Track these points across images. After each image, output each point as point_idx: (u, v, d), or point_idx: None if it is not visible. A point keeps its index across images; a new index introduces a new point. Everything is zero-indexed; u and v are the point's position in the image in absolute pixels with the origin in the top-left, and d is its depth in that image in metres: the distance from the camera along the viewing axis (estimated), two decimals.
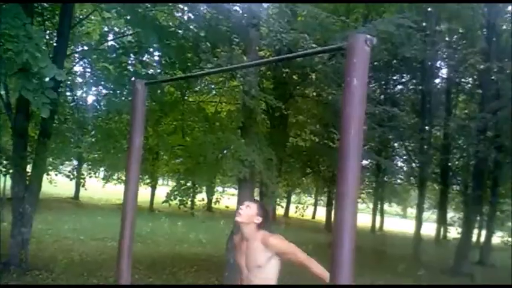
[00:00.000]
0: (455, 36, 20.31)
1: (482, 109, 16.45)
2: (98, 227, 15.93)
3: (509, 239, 19.20)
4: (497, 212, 19.67)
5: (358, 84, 2.41)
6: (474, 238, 18.86)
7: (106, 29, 12.63)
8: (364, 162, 19.99)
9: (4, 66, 5.99)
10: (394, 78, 21.78)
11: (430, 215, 28.46)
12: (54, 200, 22.29)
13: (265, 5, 11.54)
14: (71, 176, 19.92)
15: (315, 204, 34.77)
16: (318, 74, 12.58)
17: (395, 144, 22.34)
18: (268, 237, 3.40)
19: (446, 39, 19.70)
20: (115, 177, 21.37)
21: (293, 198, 33.28)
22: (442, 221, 23.22)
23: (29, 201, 9.22)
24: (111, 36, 11.99)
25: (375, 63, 16.62)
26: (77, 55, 12.61)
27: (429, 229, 23.63)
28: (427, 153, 19.23)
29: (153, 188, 22.81)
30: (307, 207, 29.98)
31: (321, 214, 31.10)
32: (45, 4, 10.43)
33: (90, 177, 20.94)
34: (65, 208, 20.67)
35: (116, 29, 12.36)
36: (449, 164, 20.52)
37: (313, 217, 33.61)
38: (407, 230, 25.73)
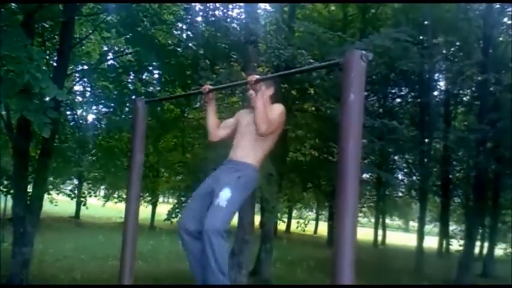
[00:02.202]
0: (452, 49, 20.44)
1: (480, 121, 16.49)
2: (99, 245, 15.85)
3: None
4: (499, 224, 19.61)
5: (355, 98, 2.46)
6: (477, 250, 18.78)
7: (106, 48, 12.74)
8: (365, 175, 19.98)
9: (5, 87, 6.04)
10: (393, 91, 21.87)
11: (432, 228, 28.35)
12: (55, 219, 22.22)
13: (262, 21, 11.68)
14: (72, 195, 19.95)
15: (317, 219, 34.66)
16: (317, 89, 12.66)
17: (396, 157, 22.34)
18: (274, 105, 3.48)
19: (444, 51, 19.83)
20: (116, 195, 21.36)
21: (294, 213, 33.18)
22: (444, 233, 23.14)
23: (29, 221, 9.20)
24: (111, 55, 12.10)
25: (373, 76, 16.72)
26: (77, 74, 12.70)
27: (431, 242, 23.51)
28: (427, 165, 19.22)
29: (154, 205, 22.77)
30: (308, 222, 29.89)
31: (323, 229, 30.97)
32: (45, 24, 10.56)
33: (90, 196, 20.94)
34: (66, 227, 20.60)
35: (116, 48, 12.48)
36: (450, 176, 20.51)
37: (315, 232, 33.47)
38: (409, 243, 25.57)
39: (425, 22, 18.49)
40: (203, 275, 3.12)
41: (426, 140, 19.51)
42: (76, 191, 20.80)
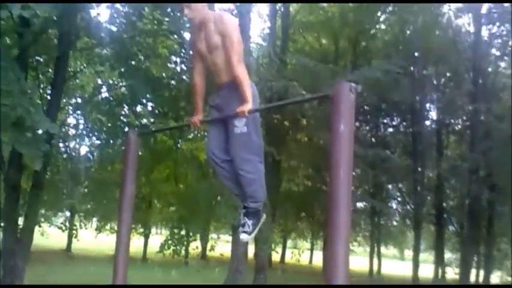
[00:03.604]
0: (442, 79, 20.78)
1: (472, 149, 16.64)
2: (91, 278, 15.56)
3: (509, 278, 18.97)
4: (495, 252, 19.53)
5: (345, 130, 2.49)
6: (472, 278, 18.63)
7: (100, 81, 12.82)
8: (359, 205, 19.95)
9: None
10: (385, 121, 22.06)
11: (427, 257, 28.11)
12: (45, 252, 21.86)
13: (255, 54, 11.87)
14: (64, 228, 19.71)
15: (312, 249, 34.25)
16: (309, 119, 12.78)
17: (389, 186, 22.37)
18: (222, 16, 3.25)
19: (434, 82, 20.16)
20: (108, 227, 21.13)
21: (289, 243, 32.88)
22: (439, 262, 22.95)
23: (20, 254, 9.06)
24: (104, 88, 12.16)
25: (365, 107, 16.93)
26: (70, 107, 12.74)
27: (427, 270, 23.29)
28: (420, 194, 19.25)
29: (146, 237, 22.52)
30: (303, 252, 29.55)
31: (318, 259, 30.65)
32: (40, 58, 10.64)
33: (81, 228, 20.71)
34: (57, 260, 20.24)
35: (110, 81, 12.56)
36: (444, 204, 20.52)
37: (310, 262, 33.03)
38: (405, 272, 25.33)
39: (416, 54, 18.85)
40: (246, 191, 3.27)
41: (419, 169, 19.60)
42: (67, 223, 20.55)
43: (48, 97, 10.30)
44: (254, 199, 3.24)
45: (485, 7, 17.70)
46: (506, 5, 16.33)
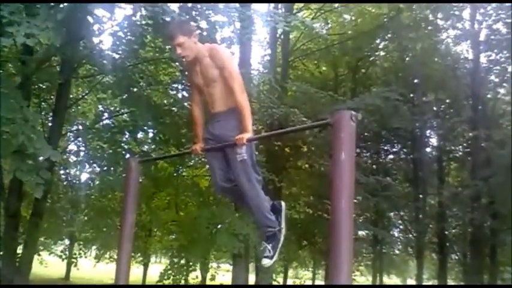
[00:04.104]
0: (442, 106, 20.86)
1: (474, 176, 16.58)
2: None
3: None
4: (498, 281, 19.24)
5: (346, 158, 2.49)
6: None
7: (101, 108, 12.89)
8: (361, 233, 19.76)
9: (0, 148, 6.06)
10: (385, 148, 22.04)
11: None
12: (44, 280, 21.60)
13: (256, 82, 11.95)
14: (63, 256, 19.50)
15: (313, 279, 33.76)
16: (310, 146, 12.79)
17: (391, 214, 22.19)
18: (216, 48, 3.31)
19: (434, 109, 20.24)
20: (107, 255, 20.89)
21: (290, 272, 32.45)
22: None
23: (18, 283, 8.95)
24: (106, 115, 12.22)
25: (366, 134, 16.95)
26: (71, 134, 12.78)
27: None
28: (422, 222, 19.09)
29: (146, 266, 22.24)
30: (304, 282, 29.14)
31: None
32: (42, 85, 10.73)
33: (81, 256, 20.49)
34: None
35: (111, 108, 12.63)
36: (446, 232, 20.31)
37: None
38: None
39: (415, 81, 18.98)
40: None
41: (420, 196, 19.49)
42: (67, 252, 20.34)
43: (50, 124, 10.35)
44: (269, 227, 3.33)
45: (483, 34, 17.92)
46: (504, 31, 16.54)
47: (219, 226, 10.65)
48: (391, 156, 22.65)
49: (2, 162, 8.80)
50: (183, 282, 11.26)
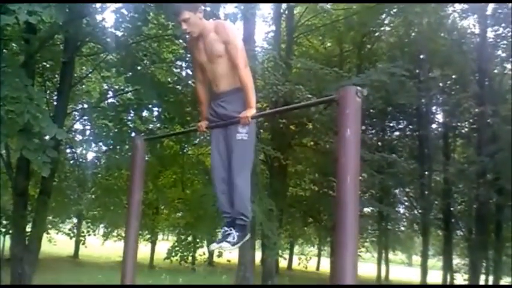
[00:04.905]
0: (448, 82, 20.68)
1: (480, 153, 16.53)
2: (99, 285, 15.60)
3: None
4: (504, 257, 19.34)
5: (351, 134, 2.47)
6: (482, 283, 18.45)
7: (106, 86, 12.87)
8: (366, 209, 19.84)
9: (6, 127, 6.08)
10: (391, 124, 21.97)
11: (435, 262, 27.92)
12: (53, 259, 21.91)
13: (260, 59, 11.85)
14: (71, 234, 19.74)
15: (319, 255, 34.09)
16: (315, 124, 12.75)
17: (396, 191, 22.24)
18: (223, 24, 3.30)
19: (440, 85, 20.07)
20: (115, 233, 21.14)
21: (296, 249, 32.76)
22: (447, 267, 22.78)
23: (28, 261, 9.08)
24: (111, 94, 12.20)
25: (371, 110, 16.87)
26: (77, 113, 12.80)
27: (435, 276, 23.12)
28: (428, 199, 19.12)
29: (153, 243, 22.49)
30: (310, 258, 29.42)
31: (325, 265, 30.52)
32: (46, 64, 10.70)
33: (89, 234, 20.73)
34: (64, 267, 20.27)
35: (116, 87, 12.61)
36: (452, 209, 20.37)
37: (318, 268, 32.89)
38: (413, 278, 25.17)
39: (421, 56, 18.79)
40: None
41: (426, 173, 19.48)
42: (75, 230, 20.59)
43: (55, 103, 10.35)
44: (244, 216, 3.28)
45: (490, 8, 17.62)
46: (511, 5, 16.26)
47: None
48: (396, 133, 22.60)
49: (8, 141, 8.86)
50: (190, 258, 11.36)
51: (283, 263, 25.69)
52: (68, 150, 13.11)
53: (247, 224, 3.33)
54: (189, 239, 12.58)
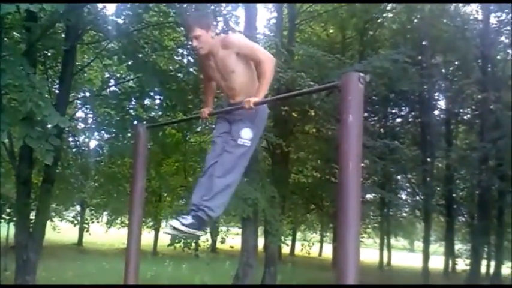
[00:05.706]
0: (451, 68, 20.61)
1: (482, 139, 16.52)
2: (102, 272, 15.72)
3: None
4: (505, 242, 19.42)
5: (353, 120, 2.48)
6: (483, 269, 18.55)
7: (107, 75, 12.86)
8: (368, 196, 19.90)
9: (8, 115, 6.10)
10: (393, 111, 21.95)
11: (437, 248, 28.04)
12: (57, 246, 22.10)
13: (262, 46, 11.77)
14: (75, 222, 19.88)
15: (321, 241, 34.30)
16: (317, 111, 12.73)
17: (398, 177, 22.28)
18: (226, 37, 3.31)
19: (443, 71, 19.99)
20: (118, 221, 21.27)
21: (298, 235, 32.94)
22: (449, 253, 22.90)
23: (32, 248, 9.16)
24: (112, 82, 12.20)
25: (374, 97, 16.83)
26: (79, 101, 12.81)
27: (437, 262, 23.25)
28: (430, 185, 19.15)
29: (157, 231, 22.65)
30: (313, 245, 29.59)
31: (328, 251, 30.71)
32: (47, 52, 10.68)
33: (93, 222, 20.87)
34: (68, 254, 20.46)
35: (118, 75, 12.60)
36: (454, 195, 20.41)
37: (320, 254, 33.11)
38: (415, 264, 25.32)
39: (424, 43, 18.69)
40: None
41: (428, 159, 19.49)
42: (79, 218, 20.73)
43: (57, 91, 10.35)
44: (213, 212, 3.21)
45: None
46: None
47: None
48: (399, 120, 22.58)
49: (11, 130, 8.88)
50: (193, 245, 11.44)
51: (285, 249, 25.86)
52: (71, 139, 13.14)
53: (206, 221, 3.23)
54: None
